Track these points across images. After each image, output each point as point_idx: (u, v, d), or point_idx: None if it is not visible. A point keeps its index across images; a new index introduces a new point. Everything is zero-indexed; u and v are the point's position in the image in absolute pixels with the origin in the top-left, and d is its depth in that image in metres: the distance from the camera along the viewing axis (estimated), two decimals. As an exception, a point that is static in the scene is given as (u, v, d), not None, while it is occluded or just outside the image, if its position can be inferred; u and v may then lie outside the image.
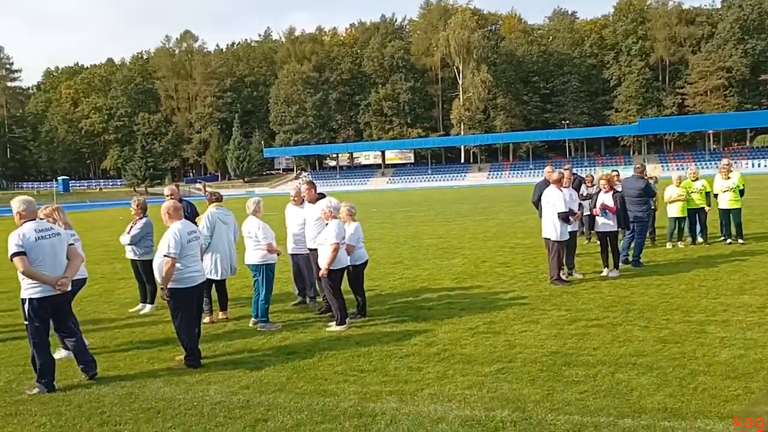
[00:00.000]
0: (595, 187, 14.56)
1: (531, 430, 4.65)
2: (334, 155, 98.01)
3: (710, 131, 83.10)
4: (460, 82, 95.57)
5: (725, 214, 13.61)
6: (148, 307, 9.69)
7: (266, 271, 8.29)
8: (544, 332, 7.33)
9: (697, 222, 13.75)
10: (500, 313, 8.35)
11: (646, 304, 8.46)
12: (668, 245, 13.58)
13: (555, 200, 10.01)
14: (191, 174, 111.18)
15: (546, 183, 12.13)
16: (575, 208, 10.58)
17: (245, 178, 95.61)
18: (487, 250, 14.74)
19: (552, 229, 10.05)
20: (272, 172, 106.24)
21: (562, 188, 10.19)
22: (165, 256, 6.58)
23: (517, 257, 13.33)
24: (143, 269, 9.61)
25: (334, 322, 8.03)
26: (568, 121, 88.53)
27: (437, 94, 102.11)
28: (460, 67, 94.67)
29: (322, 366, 6.50)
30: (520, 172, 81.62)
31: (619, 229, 10.91)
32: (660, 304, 8.36)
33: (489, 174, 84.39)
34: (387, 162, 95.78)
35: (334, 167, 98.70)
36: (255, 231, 8.25)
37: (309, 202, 8.83)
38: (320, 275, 8.04)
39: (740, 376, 5.56)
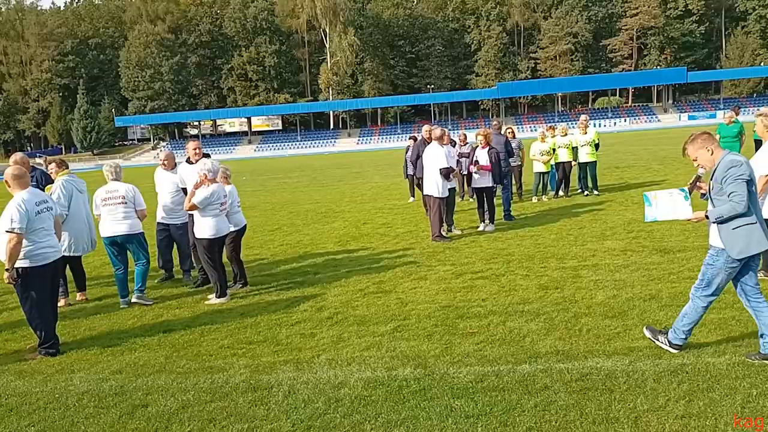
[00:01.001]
0: (468, 146, 14.86)
1: (434, 385, 4.54)
2: (196, 123, 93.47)
3: (559, 94, 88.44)
4: (327, 46, 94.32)
5: (583, 167, 14.38)
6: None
7: (143, 238, 7.63)
8: (434, 287, 7.30)
9: (564, 176, 14.44)
10: (388, 272, 8.23)
11: (524, 254, 8.70)
12: (534, 199, 14.16)
13: (437, 156, 9.99)
14: (29, 148, 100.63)
15: (424, 142, 12.17)
16: (454, 165, 10.65)
17: (94, 150, 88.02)
18: (367, 212, 14.63)
19: (434, 186, 10.05)
20: (126, 143, 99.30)
21: (443, 145, 10.19)
22: (8, 231, 5.70)
23: (396, 218, 13.32)
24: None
25: (214, 295, 7.51)
26: (432, 86, 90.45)
27: (304, 58, 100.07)
28: (327, 30, 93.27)
29: (204, 341, 6.02)
30: (388, 136, 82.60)
31: (495, 185, 11.13)
32: (536, 254, 8.63)
33: (359, 140, 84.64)
34: (253, 129, 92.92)
35: (195, 136, 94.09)
36: (132, 195, 7.48)
37: (193, 163, 8.11)
38: (187, 208, 7.45)
39: (617, 315, 5.81)
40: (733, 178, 4.48)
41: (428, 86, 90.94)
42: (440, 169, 9.94)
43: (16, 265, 5.75)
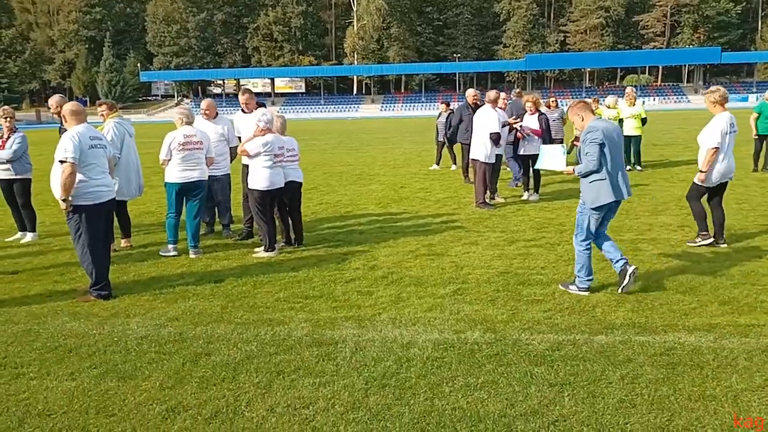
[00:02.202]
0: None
1: (509, 351, 4.36)
2: (220, 81, 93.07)
3: (587, 69, 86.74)
4: (355, 9, 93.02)
5: (627, 140, 13.96)
6: (29, 236, 8.51)
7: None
8: (487, 253, 7.09)
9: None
10: (436, 236, 8.04)
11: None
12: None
13: (489, 120, 9.68)
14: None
15: (468, 107, 11.86)
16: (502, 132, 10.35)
17: (119, 104, 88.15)
18: (402, 177, 14.39)
19: (482, 149, 9.76)
20: (149, 98, 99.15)
21: (495, 108, 9.88)
22: (61, 161, 5.55)
23: (434, 183, 13.08)
24: (23, 191, 8.41)
25: (261, 248, 7.36)
26: (459, 55, 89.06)
27: (330, 20, 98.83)
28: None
29: (259, 294, 5.88)
30: (412, 104, 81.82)
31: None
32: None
33: (382, 106, 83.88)
34: (276, 91, 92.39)
35: (219, 94, 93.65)
36: (207, 141, 7.37)
37: (248, 112, 7.90)
38: (240, 152, 7.31)
39: (688, 290, 5.57)
40: (589, 141, 5.40)
41: (454, 55, 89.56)
42: (491, 134, 9.64)
43: (72, 203, 5.63)
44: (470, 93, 12.42)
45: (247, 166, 7.67)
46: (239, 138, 8.16)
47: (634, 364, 4.08)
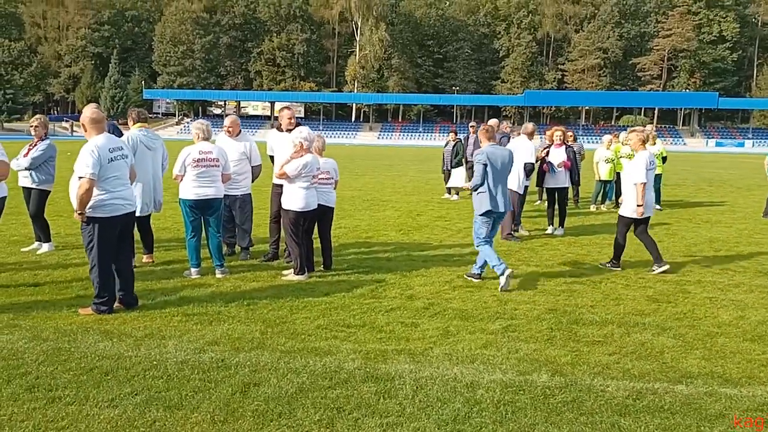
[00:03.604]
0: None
1: (585, 397, 4.04)
2: (221, 103, 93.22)
3: (584, 108, 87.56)
4: (358, 39, 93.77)
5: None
6: (45, 247, 8.15)
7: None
8: (528, 287, 6.80)
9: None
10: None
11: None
12: (592, 207, 13.65)
13: (525, 150, 9.51)
14: (56, 111, 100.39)
15: (505, 136, 11.71)
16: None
17: (120, 120, 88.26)
18: (415, 204, 14.13)
19: (515, 179, 9.53)
20: (151, 116, 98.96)
21: (531, 140, 9.70)
22: (80, 177, 5.28)
23: (450, 212, 12.82)
24: (36, 201, 8.08)
25: (292, 271, 7.03)
26: (457, 88, 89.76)
27: (333, 49, 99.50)
28: (359, 23, 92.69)
29: (297, 319, 5.54)
30: (410, 134, 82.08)
31: (569, 186, 10.64)
32: (624, 263, 8.08)
33: (380, 134, 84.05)
34: (276, 114, 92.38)
35: (219, 115, 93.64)
36: (224, 158, 7.08)
37: (286, 131, 7.59)
38: (278, 175, 7.02)
39: (756, 338, 5.28)
40: (476, 162, 6.96)
41: (452, 88, 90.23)
42: (525, 164, 9.43)
43: (87, 214, 5.35)
44: (492, 122, 12.26)
45: (278, 185, 7.38)
46: (272, 158, 7.86)
47: (729, 420, 3.77)
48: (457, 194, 15.23)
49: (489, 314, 5.81)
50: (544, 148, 10.50)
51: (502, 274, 6.59)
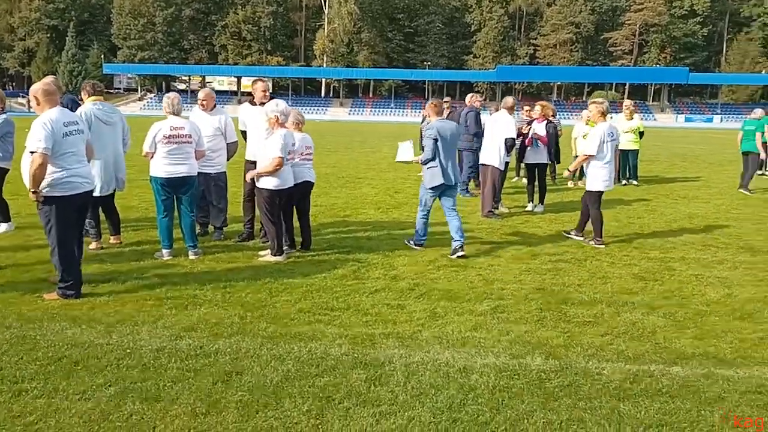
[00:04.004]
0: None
1: (581, 381, 3.91)
2: (185, 78, 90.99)
3: (556, 83, 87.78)
4: (326, 12, 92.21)
5: (624, 154, 13.81)
6: (3, 226, 7.79)
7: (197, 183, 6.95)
8: (513, 267, 6.66)
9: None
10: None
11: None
12: (570, 183, 13.58)
13: (506, 125, 9.30)
14: (11, 87, 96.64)
15: (478, 112, 11.49)
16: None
17: (79, 96, 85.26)
18: (392, 181, 13.91)
19: (496, 155, 9.36)
20: (111, 91, 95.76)
21: (512, 114, 9.50)
22: (32, 152, 4.95)
23: (428, 189, 12.59)
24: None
25: (268, 252, 6.78)
26: (429, 63, 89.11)
27: (300, 22, 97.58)
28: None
29: (278, 303, 5.31)
30: (381, 110, 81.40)
31: (548, 162, 10.52)
32: (608, 241, 7.99)
33: (351, 110, 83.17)
34: (243, 90, 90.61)
35: (183, 90, 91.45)
36: (198, 134, 6.74)
37: (260, 104, 7.26)
38: (247, 178, 6.73)
39: (745, 317, 5.22)
40: (426, 137, 6.99)
41: (424, 63, 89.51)
42: (506, 139, 9.25)
43: (43, 194, 5.05)
44: (472, 96, 12.04)
45: (251, 162, 7.08)
46: (244, 133, 7.53)
47: (729, 404, 3.67)
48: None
49: (476, 294, 5.65)
50: (528, 123, 10.33)
51: (416, 245, 7.30)
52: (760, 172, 14.75)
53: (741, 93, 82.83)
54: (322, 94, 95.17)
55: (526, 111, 12.93)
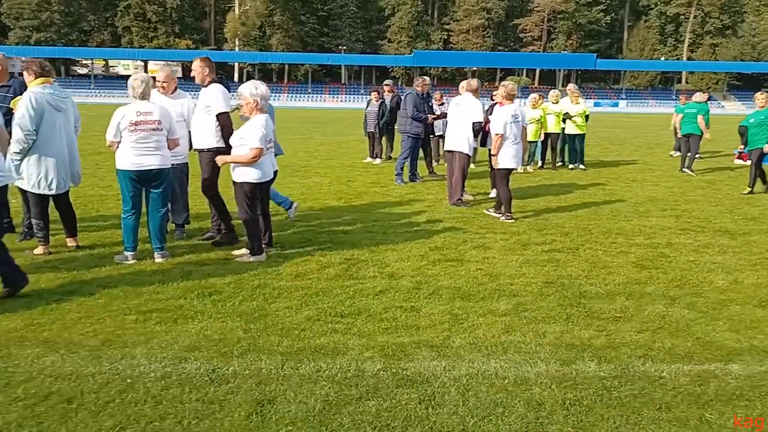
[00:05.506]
0: (444, 105, 13.94)
1: (650, 388, 3.61)
2: (86, 61, 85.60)
3: (472, 68, 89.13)
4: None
5: (571, 139, 13.89)
6: None
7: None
8: (510, 259, 6.34)
9: (549, 146, 13.89)
10: (435, 237, 7.18)
11: (574, 226, 7.92)
12: (519, 169, 13.47)
13: (473, 108, 8.94)
14: None
15: (420, 96, 11.12)
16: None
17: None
18: (340, 169, 13.34)
19: (464, 141, 9.01)
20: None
21: (478, 98, 9.16)
22: None
23: (381, 177, 12.16)
24: None
25: (246, 251, 6.13)
26: (344, 47, 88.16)
27: (210, 3, 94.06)
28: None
29: (279, 311, 4.74)
30: (298, 95, 79.84)
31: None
32: (591, 227, 7.88)
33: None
34: (150, 74, 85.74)
35: (86, 75, 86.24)
36: (169, 120, 6.03)
37: (202, 84, 6.61)
38: (219, 162, 6.08)
39: (764, 304, 5.12)
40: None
41: (339, 47, 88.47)
42: (474, 123, 8.91)
43: None
44: (421, 80, 11.64)
45: (210, 152, 6.42)
46: None
47: (811, 401, 3.48)
48: (380, 158, 14.62)
49: (487, 291, 5.29)
50: (490, 106, 10.05)
51: (292, 209, 7.70)
52: (699, 154, 15.28)
53: (642, 79, 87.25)
54: (236, 78, 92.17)
55: (437, 98, 12.97)
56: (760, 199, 10.22)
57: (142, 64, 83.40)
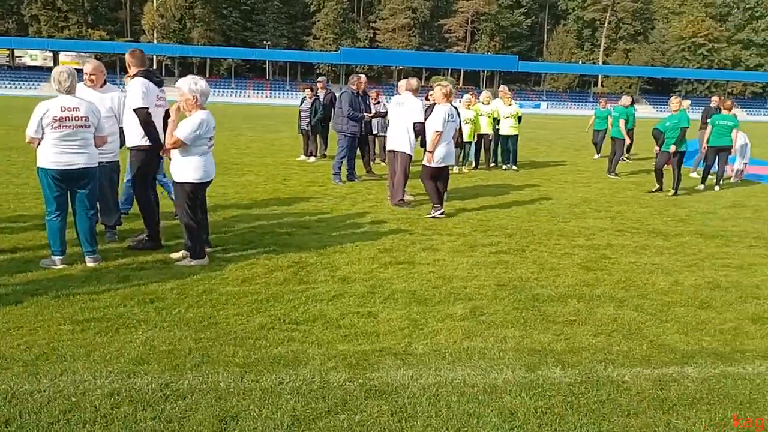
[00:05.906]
0: (381, 105, 13.88)
1: (615, 393, 3.62)
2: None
3: (396, 67, 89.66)
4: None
5: (504, 140, 14.12)
6: None
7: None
8: (459, 261, 6.31)
9: (482, 147, 14.06)
10: (382, 239, 7.07)
11: (517, 228, 8.01)
12: (455, 169, 13.60)
13: (414, 108, 8.88)
14: None
15: (354, 94, 11.00)
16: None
17: None
18: (274, 167, 13.01)
19: (406, 141, 8.94)
20: None
21: (417, 97, 9.12)
22: None
23: (317, 176, 11.94)
24: None
25: (187, 255, 5.82)
26: (269, 43, 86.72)
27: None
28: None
29: (229, 318, 4.49)
30: (222, 90, 77.71)
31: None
32: (533, 228, 8.00)
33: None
34: (72, 66, 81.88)
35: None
36: (97, 116, 5.58)
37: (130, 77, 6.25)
38: (170, 145, 5.66)
39: (705, 305, 5.28)
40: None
41: (263, 42, 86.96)
42: (415, 124, 8.85)
43: None
44: (358, 78, 11.51)
45: (140, 150, 6.07)
46: None
47: (759, 405, 3.57)
48: (314, 156, 14.38)
49: (443, 295, 5.22)
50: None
51: None
52: (626, 157, 15.91)
53: (561, 81, 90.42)
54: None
55: (373, 97, 12.97)
56: (684, 201, 10.69)
57: (51, 54, 79.27)
